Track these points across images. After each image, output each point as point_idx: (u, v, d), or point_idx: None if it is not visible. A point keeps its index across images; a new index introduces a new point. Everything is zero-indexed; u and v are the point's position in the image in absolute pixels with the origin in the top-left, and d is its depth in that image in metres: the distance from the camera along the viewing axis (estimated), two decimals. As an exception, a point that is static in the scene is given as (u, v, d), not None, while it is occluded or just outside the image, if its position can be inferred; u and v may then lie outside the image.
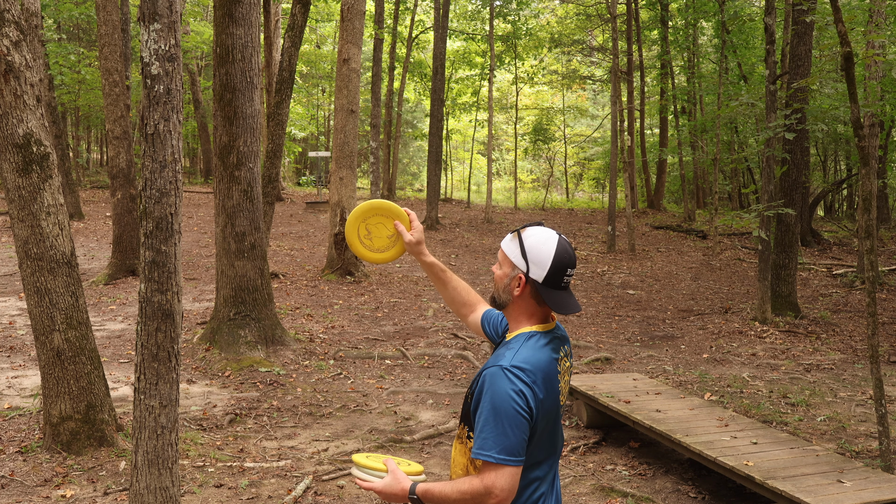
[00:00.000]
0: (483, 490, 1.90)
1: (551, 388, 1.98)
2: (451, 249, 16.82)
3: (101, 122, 28.36)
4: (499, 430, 1.89)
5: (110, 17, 11.97)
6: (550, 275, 2.00)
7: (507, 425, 1.89)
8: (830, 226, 22.72)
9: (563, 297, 2.02)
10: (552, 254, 2.00)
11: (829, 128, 18.92)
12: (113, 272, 11.80)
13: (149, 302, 3.57)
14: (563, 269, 2.01)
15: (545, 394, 1.95)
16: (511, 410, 1.89)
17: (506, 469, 1.89)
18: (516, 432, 1.89)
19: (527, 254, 2.02)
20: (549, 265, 2.00)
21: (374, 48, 18.67)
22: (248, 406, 6.36)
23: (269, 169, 9.89)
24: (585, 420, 6.14)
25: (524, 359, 1.94)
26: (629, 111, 23.56)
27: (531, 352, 1.97)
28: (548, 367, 1.98)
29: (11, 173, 4.75)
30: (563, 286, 2.02)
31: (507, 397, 1.89)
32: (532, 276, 2.02)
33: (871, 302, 5.12)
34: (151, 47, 3.45)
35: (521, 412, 1.89)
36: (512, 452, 1.89)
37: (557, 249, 2.00)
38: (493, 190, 25.72)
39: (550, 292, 2.01)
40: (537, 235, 2.04)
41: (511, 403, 1.89)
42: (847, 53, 5.09)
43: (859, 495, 3.98)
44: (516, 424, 1.89)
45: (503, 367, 1.93)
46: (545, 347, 2.00)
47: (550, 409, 1.99)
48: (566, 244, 2.04)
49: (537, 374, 1.94)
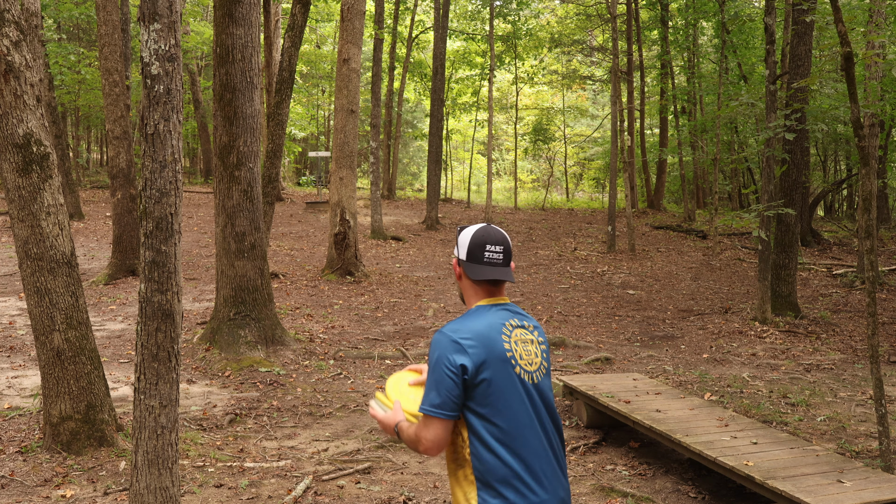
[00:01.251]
0: (416, 437, 2.22)
1: (489, 346, 2.19)
2: (451, 249, 16.82)
3: (101, 122, 28.36)
4: (431, 386, 2.18)
5: (110, 17, 11.97)
6: (470, 251, 2.31)
7: (436, 382, 2.17)
8: (830, 226, 22.72)
9: (483, 268, 2.30)
10: (471, 234, 2.33)
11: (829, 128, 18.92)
12: (113, 272, 11.80)
13: (149, 302, 3.57)
14: (481, 244, 2.30)
15: (479, 353, 2.17)
16: (439, 369, 2.17)
17: (433, 421, 2.17)
18: (442, 389, 2.16)
19: (458, 242, 2.38)
20: (468, 242, 2.32)
21: (374, 48, 18.67)
22: (248, 406, 6.36)
23: (269, 169, 9.89)
24: (585, 420, 6.14)
25: (456, 325, 2.23)
26: (629, 111, 23.56)
27: (470, 319, 2.25)
28: (486, 330, 2.22)
29: (11, 173, 4.75)
30: (486, 261, 2.30)
31: (437, 358, 2.18)
32: (459, 257, 2.35)
33: (871, 302, 5.12)
34: (151, 47, 3.45)
35: (447, 370, 2.16)
36: (439, 406, 2.16)
37: (477, 231, 2.33)
38: (493, 190, 25.72)
39: (471, 265, 2.31)
40: (468, 228, 2.38)
41: (440, 363, 2.17)
42: (847, 53, 5.09)
43: (859, 495, 3.98)
44: (442, 382, 2.16)
45: (441, 331, 2.23)
46: (486, 316, 2.26)
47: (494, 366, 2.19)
48: (491, 229, 2.34)
49: (469, 334, 2.19)
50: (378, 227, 17.53)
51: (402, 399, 2.37)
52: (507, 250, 2.32)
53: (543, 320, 10.36)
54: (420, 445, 2.21)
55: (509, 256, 2.33)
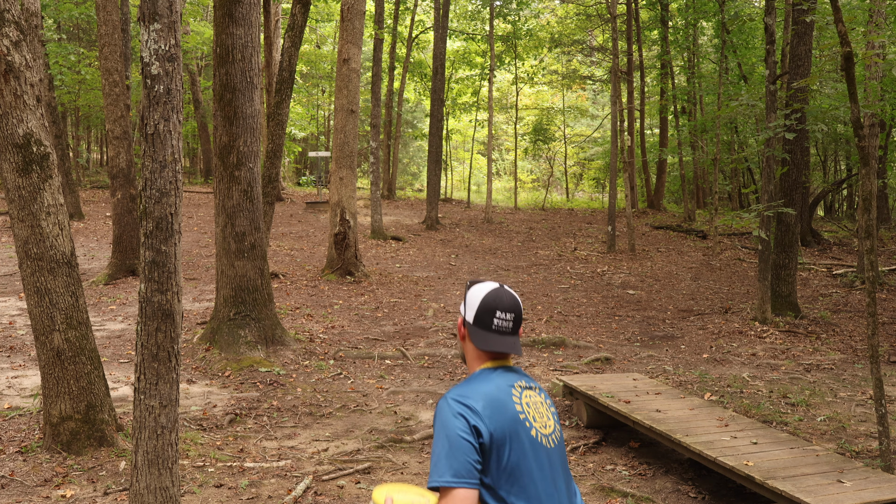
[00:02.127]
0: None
1: (502, 411, 2.02)
2: (451, 249, 16.82)
3: (101, 122, 28.36)
4: (444, 454, 1.96)
5: (110, 17, 11.97)
6: (478, 315, 2.15)
7: (452, 449, 1.95)
8: (830, 226, 22.72)
9: (490, 336, 2.14)
10: (481, 297, 2.16)
11: (829, 128, 18.93)
12: (113, 272, 11.80)
13: (149, 302, 3.57)
14: (490, 310, 2.14)
15: (492, 416, 2.00)
16: (453, 433, 1.97)
17: (456, 492, 1.93)
18: (458, 453, 1.95)
19: (466, 300, 2.22)
20: (477, 305, 2.16)
21: (374, 48, 18.67)
22: (248, 406, 6.36)
23: (269, 169, 9.88)
24: (585, 420, 6.14)
25: (466, 389, 2.06)
26: (629, 111, 23.56)
27: (475, 383, 2.09)
28: (495, 392, 2.05)
29: (11, 173, 4.75)
30: (494, 328, 2.14)
31: (448, 422, 1.98)
32: (466, 319, 2.19)
33: (871, 302, 5.12)
34: (151, 47, 3.45)
35: (462, 434, 1.96)
36: (459, 474, 1.93)
37: (488, 293, 2.16)
38: (493, 190, 25.72)
39: (478, 331, 2.15)
40: (478, 286, 2.22)
41: (453, 427, 1.97)
42: (847, 53, 5.09)
43: (859, 495, 3.98)
44: (459, 446, 1.95)
45: (445, 397, 2.05)
46: (492, 378, 2.10)
47: (508, 429, 2.01)
48: (503, 292, 2.18)
49: (479, 399, 2.02)
50: (378, 227, 17.53)
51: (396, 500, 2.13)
52: (517, 318, 2.16)
53: (543, 320, 10.36)
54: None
55: (519, 324, 2.18)
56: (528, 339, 9.11)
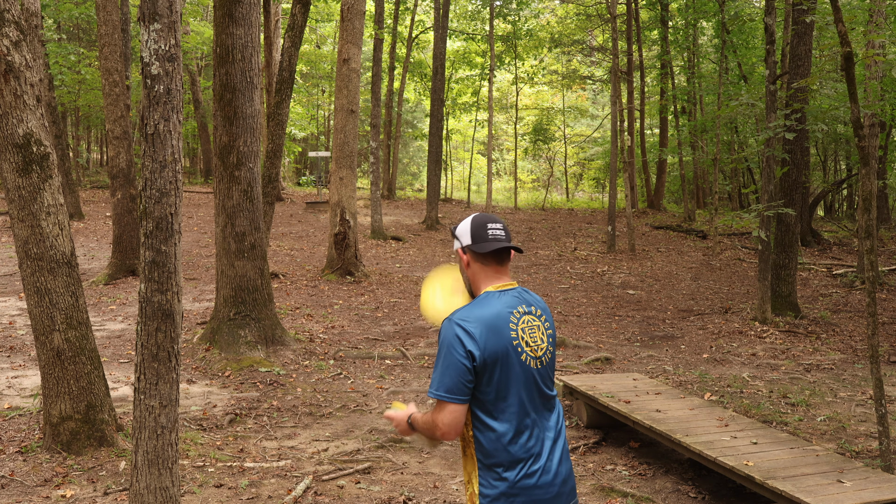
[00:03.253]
0: (432, 422, 2.29)
1: (497, 336, 2.26)
2: (451, 249, 16.82)
3: (101, 122, 28.35)
4: (441, 371, 2.25)
5: (110, 17, 11.97)
6: (473, 233, 2.38)
7: (447, 367, 2.23)
8: (830, 226, 22.72)
9: (490, 243, 2.36)
10: (470, 221, 2.41)
11: (829, 128, 18.92)
12: (113, 272, 11.80)
13: (149, 302, 3.57)
14: (483, 225, 2.38)
15: (487, 341, 2.24)
16: (449, 354, 2.23)
17: (446, 406, 2.23)
18: (453, 373, 2.22)
19: (457, 235, 2.44)
20: (469, 227, 2.39)
21: (374, 48, 18.67)
22: (248, 406, 6.36)
23: (269, 169, 9.88)
24: (585, 420, 6.14)
25: (465, 312, 2.29)
26: (629, 111, 23.56)
27: (476, 306, 2.31)
28: (493, 319, 2.27)
29: (11, 173, 4.75)
30: (491, 238, 2.37)
31: (446, 343, 2.25)
32: (464, 244, 2.40)
33: (871, 302, 5.12)
34: (151, 47, 3.45)
35: (457, 355, 2.22)
36: (450, 390, 2.22)
37: (475, 217, 2.42)
38: (493, 190, 25.73)
39: (478, 245, 2.37)
40: (463, 220, 2.46)
41: (450, 348, 2.23)
42: (847, 53, 5.09)
43: (859, 495, 3.98)
44: (453, 366, 2.22)
45: (449, 318, 2.30)
46: (493, 303, 2.32)
47: (500, 354, 2.25)
48: (487, 214, 2.43)
49: (477, 324, 2.25)
50: (378, 227, 17.53)
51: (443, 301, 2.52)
52: (505, 228, 2.42)
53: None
54: (437, 430, 2.27)
55: (509, 234, 2.42)
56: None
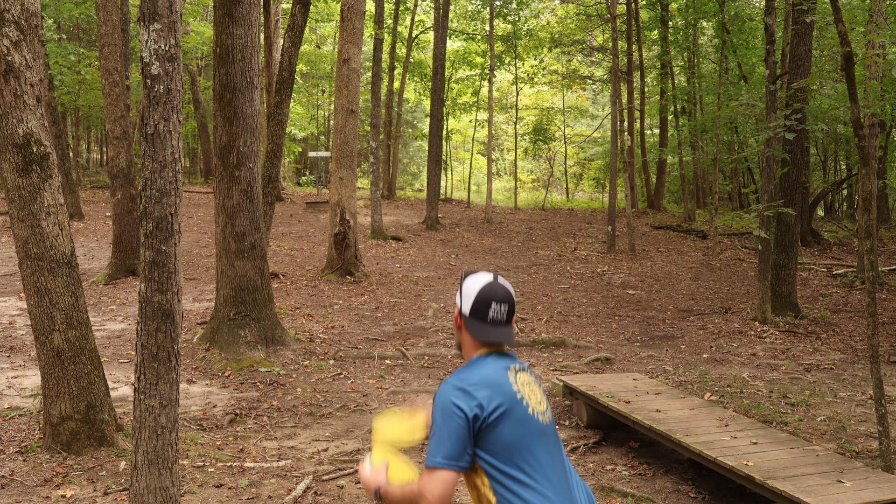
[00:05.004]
0: (418, 492, 2.08)
1: (500, 391, 2.13)
2: (451, 249, 16.82)
3: (101, 122, 28.35)
4: (439, 437, 2.08)
5: (110, 17, 11.97)
6: (475, 307, 2.23)
7: (444, 432, 2.07)
8: (830, 226, 22.72)
9: (486, 328, 2.23)
10: (477, 289, 2.24)
11: (829, 128, 18.92)
12: (113, 272, 11.80)
13: (149, 302, 3.57)
14: (486, 302, 2.22)
15: (490, 397, 2.10)
16: (449, 418, 2.07)
17: (438, 473, 2.05)
18: (454, 438, 2.06)
19: (461, 292, 2.29)
20: (473, 297, 2.24)
21: (374, 48, 18.67)
22: (248, 406, 6.36)
23: (269, 169, 9.88)
24: (585, 420, 6.14)
25: (465, 374, 2.16)
26: (629, 111, 23.56)
27: (473, 368, 2.18)
28: (492, 375, 2.15)
29: (11, 173, 4.75)
30: (490, 320, 2.22)
31: (445, 407, 2.09)
32: (462, 311, 2.27)
33: (871, 302, 5.12)
34: (151, 47, 3.45)
35: (457, 419, 2.07)
36: (448, 456, 2.06)
37: (484, 286, 2.24)
38: (493, 190, 25.71)
39: (474, 323, 2.23)
40: (473, 278, 2.30)
41: (450, 412, 2.08)
42: (847, 53, 5.09)
43: (859, 495, 3.98)
44: (454, 431, 2.06)
45: (446, 381, 2.16)
46: (488, 363, 2.20)
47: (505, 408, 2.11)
48: (497, 284, 2.26)
49: (477, 382, 2.12)
50: (378, 227, 17.53)
51: (391, 466, 2.26)
52: (511, 308, 2.26)
53: (543, 320, 10.36)
54: (423, 500, 2.06)
55: (513, 313, 2.28)
56: (528, 339, 9.11)
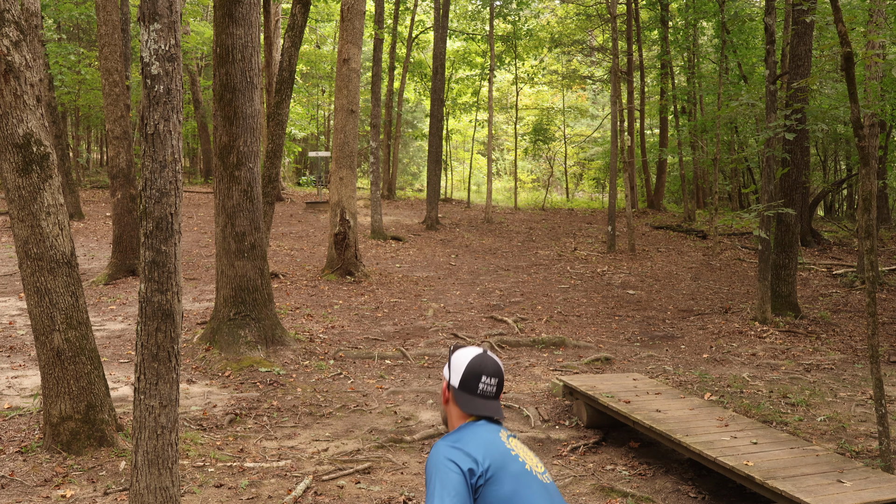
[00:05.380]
0: None
1: (494, 449, 2.11)
2: (451, 249, 16.82)
3: (101, 122, 28.35)
4: (438, 496, 2.00)
5: (110, 17, 11.97)
6: (464, 380, 2.23)
7: (444, 490, 2.00)
8: (830, 226, 22.72)
9: (475, 401, 2.21)
10: (466, 362, 2.24)
11: (829, 128, 18.92)
12: (113, 272, 11.80)
13: (149, 302, 3.56)
14: (476, 375, 2.22)
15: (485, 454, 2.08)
16: (446, 474, 2.03)
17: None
18: (451, 494, 1.99)
19: (450, 365, 2.29)
20: (462, 370, 2.23)
21: (374, 48, 18.67)
22: (248, 406, 6.36)
23: (269, 169, 9.88)
24: (585, 420, 6.14)
25: (457, 436, 2.15)
26: (629, 111, 23.56)
27: (463, 431, 2.17)
28: (485, 434, 2.15)
29: (11, 173, 4.75)
30: (479, 393, 2.22)
31: (439, 466, 2.05)
32: (451, 383, 2.26)
33: (871, 302, 5.12)
34: (151, 47, 3.45)
35: (454, 474, 2.02)
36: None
37: (473, 359, 2.24)
38: (493, 190, 25.72)
39: (463, 395, 2.22)
40: (463, 351, 2.29)
41: (445, 469, 2.04)
42: (847, 53, 5.09)
43: (859, 495, 3.98)
44: (451, 486, 2.01)
45: (437, 444, 2.13)
46: (479, 426, 2.19)
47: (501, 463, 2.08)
48: (487, 358, 2.25)
49: (471, 441, 2.11)
50: (378, 227, 17.53)
51: None
52: (500, 382, 2.25)
53: (543, 320, 10.36)
54: None
55: (502, 387, 2.27)
56: (528, 339, 9.11)
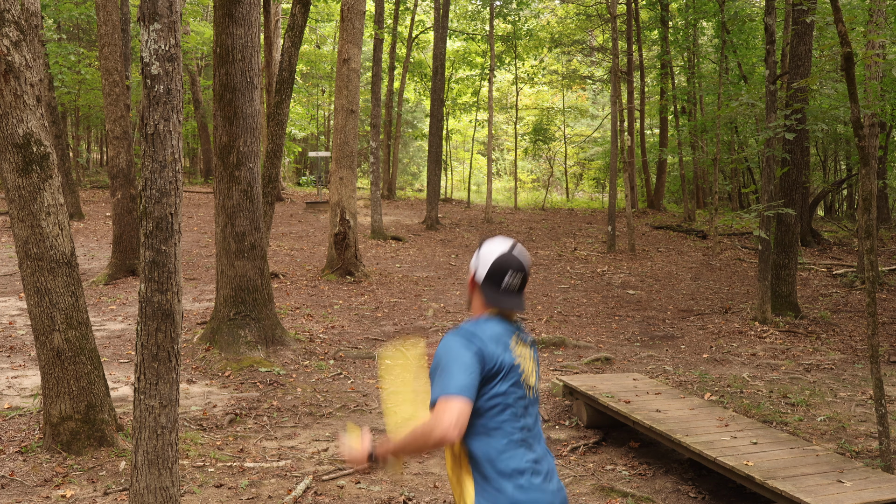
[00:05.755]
0: (429, 427, 2.08)
1: (503, 350, 2.22)
2: (451, 249, 16.82)
3: (101, 122, 28.35)
4: (444, 373, 2.12)
5: (110, 17, 11.97)
6: (490, 274, 2.28)
7: (451, 366, 2.12)
8: (830, 226, 22.72)
9: (498, 295, 2.28)
10: (494, 257, 2.29)
11: (829, 128, 18.92)
12: (113, 272, 11.80)
13: (149, 302, 3.56)
14: (501, 271, 2.27)
15: (494, 351, 2.19)
16: (458, 356, 2.13)
17: (450, 402, 2.07)
18: (460, 369, 2.11)
19: (479, 257, 2.34)
20: (490, 265, 2.28)
21: (374, 48, 18.67)
22: (248, 406, 6.36)
23: (269, 169, 9.88)
24: (585, 420, 6.14)
25: (473, 327, 2.24)
26: (629, 111, 23.56)
27: (480, 324, 2.26)
28: (495, 333, 2.23)
29: (11, 173, 4.75)
30: (503, 288, 2.28)
31: (450, 346, 2.17)
32: (477, 276, 2.32)
33: (871, 302, 5.12)
34: (151, 47, 3.45)
35: (465, 351, 2.14)
36: (456, 388, 2.08)
37: (500, 255, 2.29)
38: (493, 190, 25.72)
39: (488, 289, 2.29)
40: (492, 244, 2.34)
41: (455, 348, 2.15)
42: (847, 53, 5.09)
43: (859, 495, 3.98)
44: (461, 363, 2.12)
45: (451, 332, 2.23)
46: (492, 324, 2.26)
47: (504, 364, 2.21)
48: (514, 254, 2.30)
49: (486, 334, 2.21)
50: (378, 227, 17.53)
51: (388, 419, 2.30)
52: (525, 278, 2.31)
53: (543, 320, 10.36)
54: (435, 431, 2.05)
55: (526, 282, 2.33)
56: (528, 339, 9.10)
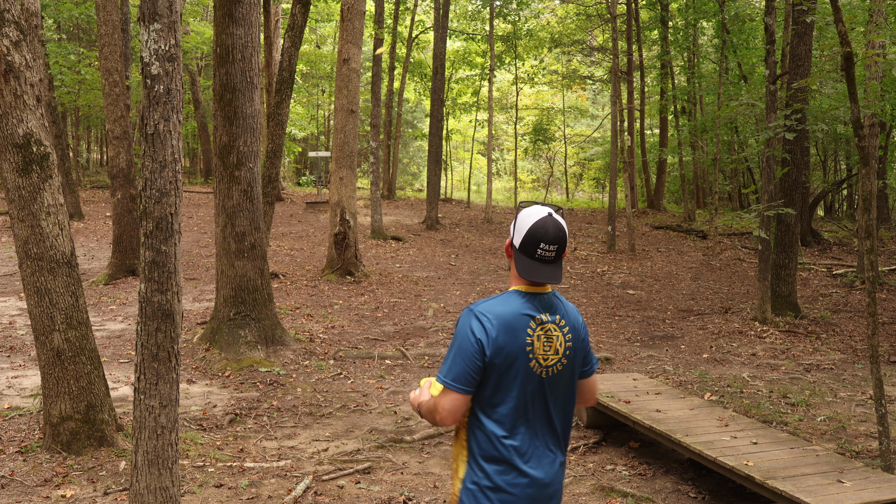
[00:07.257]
0: (434, 406, 2.29)
1: (512, 335, 2.24)
2: (451, 249, 16.82)
3: (101, 122, 28.35)
4: (452, 358, 2.26)
5: (110, 17, 11.97)
6: (524, 243, 2.29)
7: (457, 355, 2.24)
8: (830, 226, 22.72)
9: (532, 265, 2.28)
10: (529, 225, 2.28)
11: (829, 128, 18.92)
12: (113, 272, 11.80)
13: (149, 302, 3.56)
14: (535, 241, 2.26)
15: (502, 338, 2.23)
16: (463, 343, 2.24)
17: (449, 393, 2.25)
18: (462, 362, 2.23)
19: (515, 223, 2.34)
20: (524, 233, 2.28)
21: (374, 48, 18.67)
22: (248, 406, 6.36)
23: (269, 169, 9.88)
24: (585, 420, 6.14)
25: (488, 306, 2.27)
26: (629, 111, 23.56)
27: (498, 303, 2.28)
28: (511, 318, 2.25)
29: (11, 173, 4.75)
30: (537, 257, 2.27)
31: (461, 333, 2.26)
32: (513, 242, 2.34)
33: (871, 302, 5.12)
34: (151, 47, 3.45)
35: (469, 346, 2.22)
36: (456, 379, 2.23)
37: (536, 223, 2.27)
38: (493, 190, 25.72)
39: (522, 258, 2.30)
40: (529, 211, 2.33)
41: (464, 337, 2.24)
42: (847, 53, 5.09)
43: (859, 495, 3.98)
44: (464, 355, 2.23)
45: (470, 308, 2.29)
46: (516, 303, 2.29)
47: (511, 356, 2.24)
48: (550, 222, 2.27)
49: (496, 320, 2.24)
50: (378, 227, 17.53)
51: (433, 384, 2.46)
52: (561, 248, 2.28)
53: (543, 320, 10.35)
54: (436, 414, 2.26)
55: (563, 252, 2.30)
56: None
